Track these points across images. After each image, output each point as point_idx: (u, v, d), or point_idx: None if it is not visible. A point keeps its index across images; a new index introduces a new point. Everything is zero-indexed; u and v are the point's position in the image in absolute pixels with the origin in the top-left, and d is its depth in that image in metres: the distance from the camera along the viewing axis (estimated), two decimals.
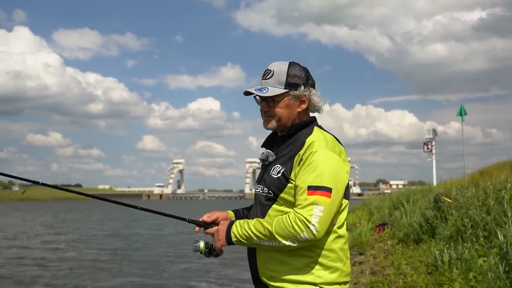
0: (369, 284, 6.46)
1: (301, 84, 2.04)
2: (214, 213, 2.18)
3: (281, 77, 2.04)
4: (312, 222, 1.81)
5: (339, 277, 1.96)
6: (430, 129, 30.97)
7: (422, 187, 15.61)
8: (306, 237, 1.82)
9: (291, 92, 2.04)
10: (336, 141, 2.04)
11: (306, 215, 1.82)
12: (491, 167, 16.36)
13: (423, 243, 8.36)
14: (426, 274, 6.03)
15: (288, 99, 2.05)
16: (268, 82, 2.06)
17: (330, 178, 1.88)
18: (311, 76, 2.10)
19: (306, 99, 2.06)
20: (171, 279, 10.43)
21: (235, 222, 2.02)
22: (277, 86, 2.04)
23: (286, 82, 2.03)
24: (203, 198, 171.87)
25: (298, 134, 2.03)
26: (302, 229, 1.82)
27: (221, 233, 2.03)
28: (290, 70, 2.05)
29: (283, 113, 2.06)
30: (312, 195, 1.85)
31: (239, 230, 1.96)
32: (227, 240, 2.01)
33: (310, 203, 1.84)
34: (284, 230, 1.85)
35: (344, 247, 2.01)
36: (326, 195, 1.86)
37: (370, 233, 12.28)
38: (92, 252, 15.52)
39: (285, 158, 2.00)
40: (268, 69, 2.09)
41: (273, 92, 2.03)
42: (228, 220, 2.15)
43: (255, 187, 2.12)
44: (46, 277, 10.85)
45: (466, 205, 7.02)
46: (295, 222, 1.83)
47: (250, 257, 2.07)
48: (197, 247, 2.11)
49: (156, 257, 14.20)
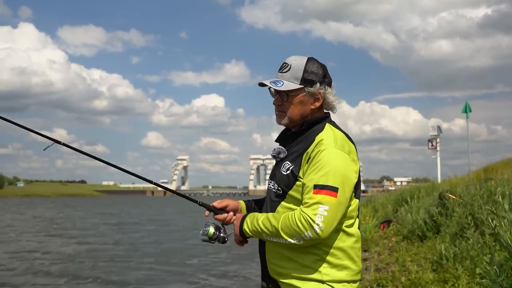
0: (374, 280, 6.46)
1: (317, 81, 2.01)
2: (225, 200, 2.18)
3: (298, 72, 2.01)
4: (316, 221, 1.80)
5: (347, 275, 1.95)
6: (434, 126, 30.94)
7: (427, 184, 15.57)
8: (310, 236, 1.82)
9: (306, 89, 2.01)
10: (347, 139, 2.01)
11: (311, 214, 1.81)
12: (496, 164, 16.33)
13: (427, 240, 8.35)
14: (431, 271, 6.02)
15: (303, 95, 2.02)
16: (284, 76, 2.03)
17: (336, 178, 1.86)
18: (328, 74, 2.06)
19: (320, 97, 2.03)
20: (185, 274, 10.61)
21: (246, 218, 2.03)
22: (292, 81, 2.01)
23: (302, 78, 2.00)
24: (207, 195, 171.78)
25: (310, 131, 2.01)
26: (306, 228, 1.81)
27: (236, 228, 2.05)
28: (307, 66, 2.01)
29: (295, 109, 2.03)
30: (318, 194, 1.83)
31: (250, 226, 1.99)
32: (241, 235, 2.03)
33: (315, 202, 1.83)
34: (289, 228, 1.85)
35: (354, 246, 1.99)
36: (332, 195, 1.83)
37: (374, 230, 12.28)
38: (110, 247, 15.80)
39: (295, 155, 1.98)
40: (285, 62, 2.05)
41: (288, 87, 2.00)
42: (238, 210, 2.17)
43: (268, 182, 2.12)
44: (74, 270, 11.23)
45: (471, 201, 7.00)
46: (299, 221, 1.82)
47: (261, 253, 2.08)
48: (206, 231, 2.10)
49: (172, 250, 14.67)
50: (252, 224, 1.97)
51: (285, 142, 2.10)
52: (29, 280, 10.00)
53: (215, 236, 2.11)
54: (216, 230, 2.11)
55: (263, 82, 2.06)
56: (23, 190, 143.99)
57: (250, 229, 1.98)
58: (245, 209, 2.23)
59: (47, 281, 10.00)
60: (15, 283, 9.63)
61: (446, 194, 8.75)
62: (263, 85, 2.07)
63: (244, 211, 2.21)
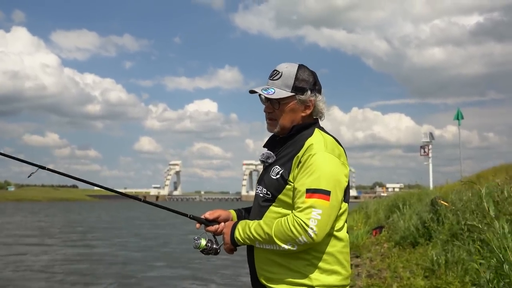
0: (366, 286, 6.46)
1: (308, 89, 2.01)
2: (216, 211, 2.17)
3: (289, 80, 2.00)
4: (310, 225, 1.80)
5: (337, 280, 1.94)
6: (427, 133, 31.18)
7: (419, 190, 15.62)
8: (304, 241, 1.81)
9: (297, 96, 2.01)
10: (337, 143, 2.01)
11: (304, 219, 1.81)
12: (488, 171, 16.39)
13: (419, 246, 8.37)
14: (423, 277, 6.03)
15: (294, 103, 2.02)
16: (275, 83, 2.03)
17: (328, 181, 1.86)
18: (318, 81, 2.06)
19: (311, 104, 2.03)
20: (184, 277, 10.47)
21: (237, 226, 2.01)
22: (284, 89, 2.01)
23: (293, 86, 2.00)
24: (200, 200, 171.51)
25: (299, 136, 2.01)
26: (300, 233, 1.81)
27: (226, 236, 2.03)
28: (299, 73, 2.01)
29: (286, 117, 2.03)
30: (311, 198, 1.83)
31: (242, 234, 1.97)
32: (232, 244, 2.02)
33: (308, 206, 1.83)
34: (283, 234, 1.84)
35: (343, 250, 1.99)
36: (325, 198, 1.84)
37: (366, 236, 12.28)
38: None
39: (285, 160, 1.98)
40: (276, 69, 2.05)
41: (279, 95, 2.00)
42: (229, 220, 2.15)
43: (256, 187, 2.11)
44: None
45: (463, 208, 7.03)
46: (293, 226, 1.82)
47: (249, 259, 2.06)
48: (197, 244, 2.09)
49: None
50: (244, 232, 1.96)
51: (273, 147, 2.10)
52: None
53: (207, 248, 2.09)
54: (208, 242, 2.10)
55: (254, 89, 2.05)
56: (14, 194, 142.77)
57: (242, 236, 1.97)
58: (236, 218, 2.22)
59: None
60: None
61: (438, 201, 8.79)
62: (254, 92, 2.06)
63: (235, 219, 2.20)
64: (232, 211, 2.25)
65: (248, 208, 2.28)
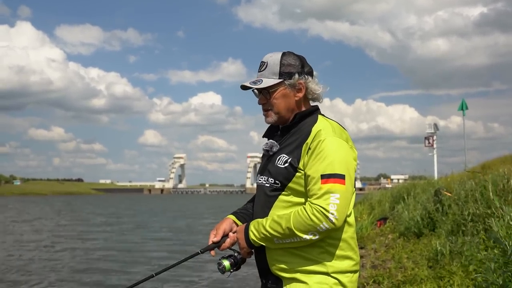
0: (370, 277, 6.49)
1: (295, 73, 2.00)
2: (219, 229, 2.08)
3: (275, 67, 2.01)
4: (330, 210, 1.78)
5: (350, 265, 1.95)
6: (431, 124, 31.03)
7: (423, 181, 15.60)
8: (326, 227, 1.79)
9: (286, 82, 2.00)
10: (342, 128, 2.01)
11: (323, 205, 1.79)
12: (493, 162, 16.37)
13: (423, 236, 8.38)
14: (427, 268, 6.05)
15: (283, 88, 2.01)
16: (263, 74, 2.03)
17: (341, 165, 1.85)
18: (307, 64, 2.05)
19: (302, 87, 2.02)
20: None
21: (249, 227, 1.97)
22: (271, 77, 2.01)
23: (280, 72, 2.00)
24: (204, 193, 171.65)
25: (302, 123, 2.00)
26: (321, 220, 1.78)
27: (241, 242, 1.99)
28: (283, 59, 2.02)
29: (280, 104, 2.02)
30: (326, 183, 1.82)
31: (257, 234, 1.93)
32: (249, 247, 1.98)
33: (325, 191, 1.81)
34: (303, 224, 1.81)
35: (354, 236, 2.00)
36: (340, 182, 1.83)
37: (371, 227, 12.31)
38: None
39: (292, 147, 1.96)
40: (262, 61, 2.06)
41: (267, 83, 2.01)
42: (232, 226, 2.09)
43: (257, 178, 2.09)
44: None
45: (466, 198, 7.04)
46: (312, 214, 1.79)
47: (257, 250, 2.01)
48: (224, 269, 2.00)
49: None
50: (259, 232, 1.92)
51: (273, 137, 2.08)
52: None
53: (234, 263, 2.01)
54: (230, 258, 2.02)
55: (244, 84, 2.06)
56: (19, 188, 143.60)
57: (258, 237, 1.92)
58: (238, 221, 2.14)
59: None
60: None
61: (442, 191, 8.79)
62: (246, 87, 2.07)
63: (238, 222, 2.12)
64: (231, 216, 2.16)
65: (249, 201, 2.24)
